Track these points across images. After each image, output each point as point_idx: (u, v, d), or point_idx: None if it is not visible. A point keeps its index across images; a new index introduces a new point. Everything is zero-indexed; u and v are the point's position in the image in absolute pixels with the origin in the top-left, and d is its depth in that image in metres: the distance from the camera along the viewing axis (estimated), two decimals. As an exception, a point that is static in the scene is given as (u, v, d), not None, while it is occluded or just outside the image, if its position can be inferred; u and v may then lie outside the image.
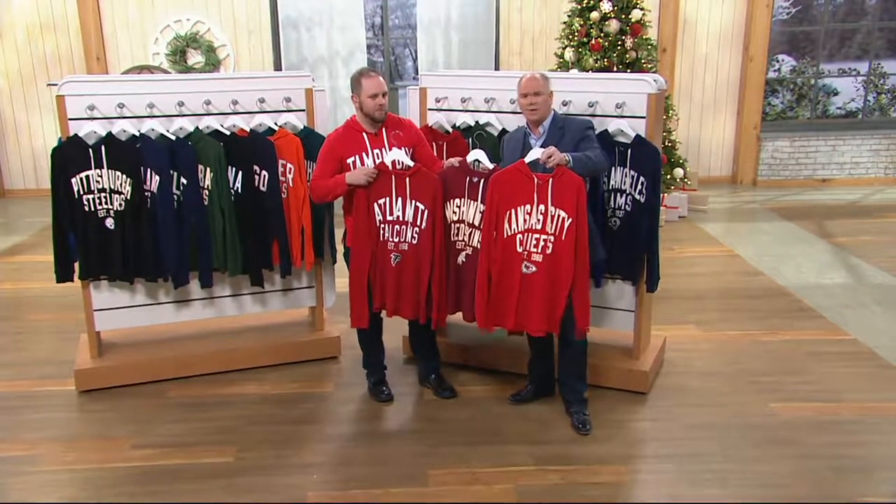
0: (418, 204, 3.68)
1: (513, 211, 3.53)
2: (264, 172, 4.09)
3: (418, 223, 3.70)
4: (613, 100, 3.81)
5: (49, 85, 4.22)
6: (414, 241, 3.72)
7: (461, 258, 3.78)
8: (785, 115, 10.83)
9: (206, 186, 4.05)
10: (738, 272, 6.10)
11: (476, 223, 3.70)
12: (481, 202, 3.66)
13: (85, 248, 3.99)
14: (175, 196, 4.00)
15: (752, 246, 6.81)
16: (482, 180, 3.66)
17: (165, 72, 8.42)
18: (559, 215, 3.47)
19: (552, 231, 3.49)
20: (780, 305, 5.34)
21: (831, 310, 5.21)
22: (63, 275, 4.06)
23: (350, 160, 3.72)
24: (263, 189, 4.12)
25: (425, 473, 3.33)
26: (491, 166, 3.64)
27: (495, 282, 3.60)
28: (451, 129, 4.19)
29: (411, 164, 3.68)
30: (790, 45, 12.26)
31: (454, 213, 3.74)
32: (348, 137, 3.75)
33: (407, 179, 3.67)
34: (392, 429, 3.78)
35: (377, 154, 3.72)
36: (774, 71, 10.94)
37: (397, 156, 3.66)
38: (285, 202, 4.17)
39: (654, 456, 3.48)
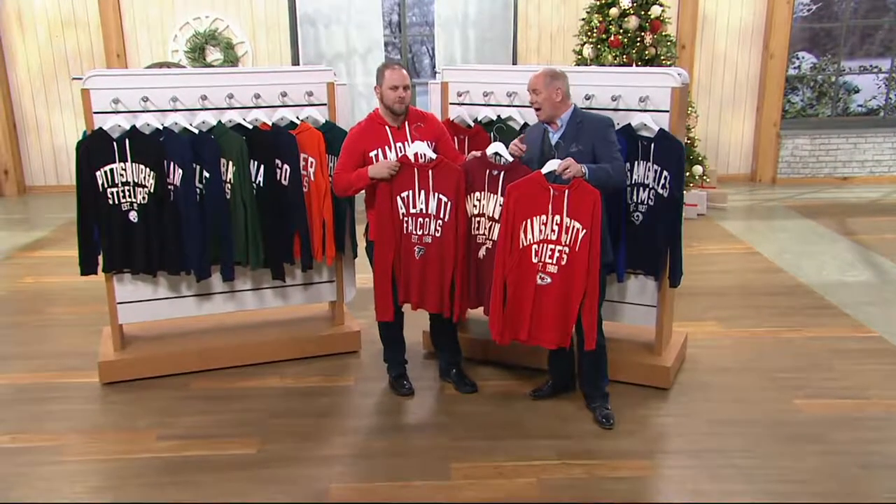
0: (441, 196, 3.68)
1: (529, 221, 3.52)
2: (286, 166, 4.11)
3: (441, 216, 3.69)
4: (637, 94, 3.79)
5: (74, 79, 4.25)
6: (437, 234, 3.72)
7: (482, 252, 3.78)
8: (805, 112, 10.75)
9: (228, 180, 4.06)
10: (758, 269, 6.05)
11: (496, 216, 3.69)
12: (501, 195, 3.65)
13: (109, 241, 4.01)
14: (198, 190, 4.02)
15: (773, 243, 6.76)
16: (502, 173, 3.66)
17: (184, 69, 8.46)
18: (574, 226, 3.45)
19: (567, 242, 3.48)
20: (802, 302, 5.29)
21: (854, 307, 5.16)
22: (87, 268, 4.10)
23: (372, 153, 3.72)
24: (285, 183, 4.13)
25: (448, 467, 3.33)
26: (511, 159, 3.63)
27: (510, 293, 3.59)
28: (472, 124, 4.18)
29: (434, 156, 3.67)
30: (811, 42, 12.18)
31: (474, 206, 3.74)
32: (371, 130, 3.75)
33: (430, 172, 3.67)
34: (414, 422, 3.78)
35: (400, 147, 3.72)
36: (795, 68, 10.87)
37: (420, 148, 3.66)
38: (307, 196, 4.18)
39: (677, 451, 3.46)
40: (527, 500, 3.11)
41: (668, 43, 7.37)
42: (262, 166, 4.10)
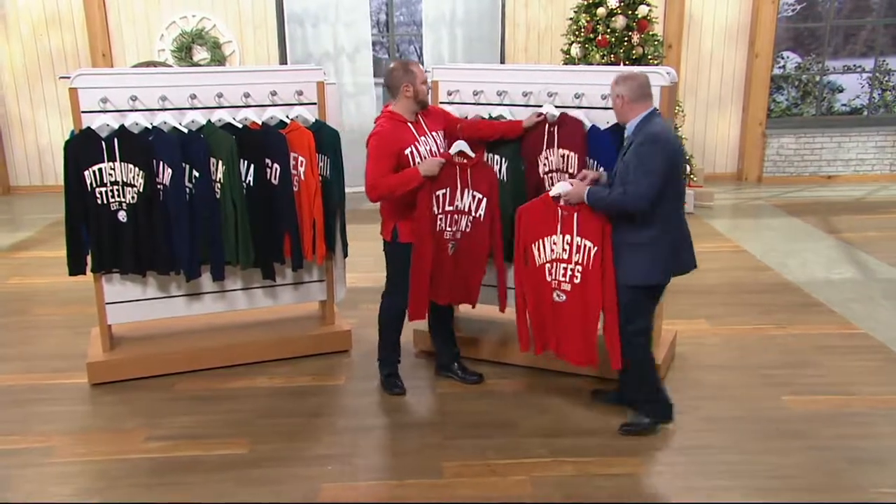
0: (476, 193, 3.79)
1: (540, 241, 3.62)
2: (276, 165, 4.10)
3: (473, 212, 3.81)
4: (626, 92, 3.80)
5: (61, 78, 4.20)
6: (467, 230, 3.83)
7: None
8: (790, 111, 10.83)
9: (218, 179, 4.05)
10: (745, 267, 6.10)
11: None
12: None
13: (97, 241, 3.99)
14: (187, 189, 4.00)
15: (759, 241, 6.82)
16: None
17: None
18: (585, 245, 3.52)
19: (579, 260, 3.55)
20: (789, 300, 5.34)
21: (840, 304, 5.21)
22: (75, 268, 4.07)
23: (407, 151, 3.69)
24: (275, 182, 4.12)
25: (440, 465, 3.34)
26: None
27: (531, 309, 3.71)
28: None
29: (473, 154, 3.78)
30: (795, 42, 12.28)
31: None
32: (397, 130, 3.69)
33: (468, 170, 3.77)
34: (406, 421, 3.78)
35: (424, 140, 3.76)
36: (780, 68, 10.96)
37: (462, 146, 3.75)
38: (297, 195, 4.17)
39: (668, 448, 3.48)
40: (519, 498, 3.12)
41: (655, 42, 7.41)
42: (252, 165, 4.09)
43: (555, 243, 3.58)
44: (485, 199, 3.80)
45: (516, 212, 3.69)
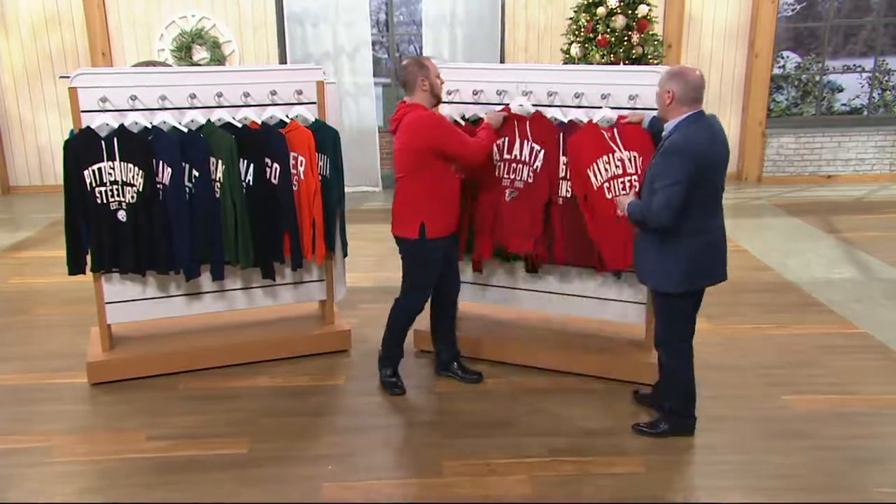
0: (534, 145, 3.94)
1: (595, 165, 3.79)
2: (276, 165, 4.09)
3: (532, 164, 3.95)
4: (626, 91, 3.81)
5: (62, 77, 4.22)
6: (529, 181, 3.98)
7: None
8: (790, 111, 10.83)
9: (217, 179, 4.04)
10: (746, 267, 6.10)
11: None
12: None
13: (97, 240, 3.99)
14: (187, 189, 3.99)
15: (759, 241, 6.81)
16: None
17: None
18: (633, 156, 3.73)
19: (632, 171, 3.77)
20: (789, 300, 5.34)
21: (840, 304, 5.21)
22: (75, 267, 4.06)
23: None
24: (275, 182, 4.11)
25: (440, 465, 3.34)
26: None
27: (598, 236, 3.89)
28: (462, 121, 4.18)
29: (532, 111, 3.93)
30: (795, 42, 12.27)
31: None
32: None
33: (527, 123, 3.97)
34: (405, 421, 3.78)
35: None
36: (779, 67, 10.95)
37: (522, 101, 3.91)
38: (296, 195, 4.17)
39: (669, 447, 3.47)
40: (519, 498, 3.11)
41: (655, 42, 7.42)
42: (252, 165, 4.08)
43: (607, 162, 3.76)
44: (542, 151, 3.93)
45: (567, 143, 3.86)
